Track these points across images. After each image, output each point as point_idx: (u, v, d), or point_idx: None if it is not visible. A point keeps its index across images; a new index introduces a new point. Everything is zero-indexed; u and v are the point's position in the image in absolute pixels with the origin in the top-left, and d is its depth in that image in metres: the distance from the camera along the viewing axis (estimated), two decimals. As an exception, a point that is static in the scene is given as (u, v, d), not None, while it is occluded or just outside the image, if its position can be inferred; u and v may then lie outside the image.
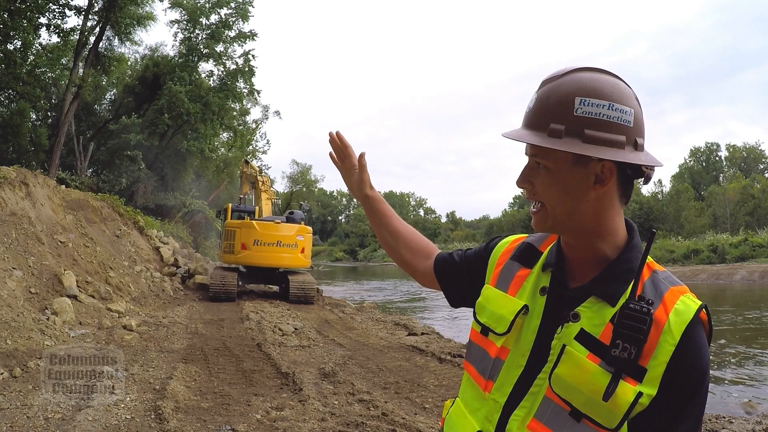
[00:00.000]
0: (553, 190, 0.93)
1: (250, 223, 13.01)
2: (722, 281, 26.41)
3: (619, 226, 0.96)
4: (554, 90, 0.91)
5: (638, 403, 0.83)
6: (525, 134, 0.93)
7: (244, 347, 7.13)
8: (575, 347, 0.89)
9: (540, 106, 0.92)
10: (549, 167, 0.92)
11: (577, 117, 0.88)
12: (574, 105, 0.89)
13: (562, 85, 0.91)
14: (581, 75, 0.91)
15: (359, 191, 1.38)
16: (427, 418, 4.49)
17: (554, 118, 0.90)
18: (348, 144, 1.41)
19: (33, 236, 8.85)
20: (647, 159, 0.91)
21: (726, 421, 4.96)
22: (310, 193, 51.22)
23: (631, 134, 0.89)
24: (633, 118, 0.89)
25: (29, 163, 18.97)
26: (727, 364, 8.32)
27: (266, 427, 4.12)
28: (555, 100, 0.91)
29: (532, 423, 0.92)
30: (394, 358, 6.96)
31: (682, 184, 54.39)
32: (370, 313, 12.10)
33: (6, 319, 5.97)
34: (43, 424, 3.97)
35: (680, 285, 0.92)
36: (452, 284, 1.22)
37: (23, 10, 16.75)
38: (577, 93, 0.89)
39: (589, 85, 0.89)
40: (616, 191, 0.93)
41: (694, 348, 0.85)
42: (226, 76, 25.79)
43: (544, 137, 0.90)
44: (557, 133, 0.89)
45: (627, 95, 0.90)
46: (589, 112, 0.88)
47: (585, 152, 0.87)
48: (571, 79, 0.91)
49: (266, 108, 38.57)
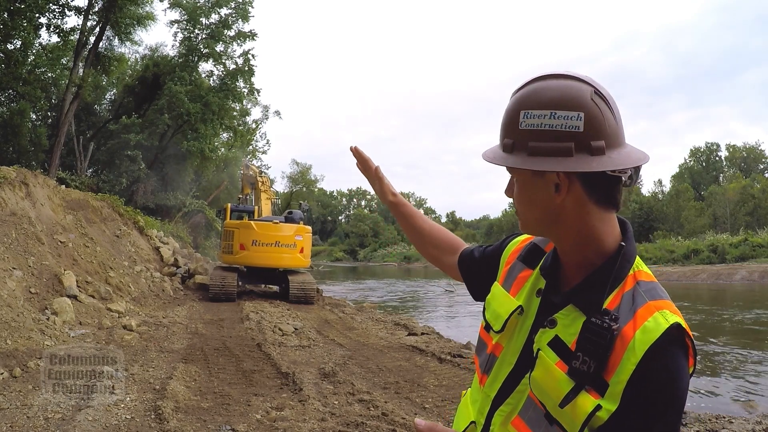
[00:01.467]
0: (521, 200, 0.97)
1: (248, 223, 12.99)
2: (722, 281, 26.40)
3: (605, 231, 0.92)
4: (509, 104, 0.94)
5: (596, 415, 0.82)
6: (490, 152, 0.97)
7: (244, 347, 7.13)
8: (547, 353, 0.90)
9: (502, 121, 0.95)
10: (517, 178, 0.96)
11: (521, 131, 0.89)
12: (519, 118, 0.90)
13: (513, 99, 0.93)
14: (530, 86, 0.92)
15: (383, 198, 1.47)
16: (427, 418, 4.48)
17: (506, 134, 0.93)
18: (366, 158, 1.48)
19: (33, 236, 8.85)
20: (605, 163, 0.86)
21: (726, 421, 4.96)
22: (310, 193, 51.25)
23: (583, 139, 0.86)
24: (583, 122, 0.85)
25: (29, 163, 18.97)
26: (727, 364, 8.32)
27: (266, 427, 4.12)
28: (506, 115, 0.93)
29: (516, 420, 0.95)
30: (394, 358, 6.96)
31: (682, 184, 54.36)
32: (370, 313, 12.10)
33: (6, 319, 5.97)
34: (43, 424, 3.97)
35: (661, 299, 0.87)
36: (473, 279, 1.27)
37: (23, 10, 16.73)
38: (521, 106, 0.90)
39: (531, 97, 0.89)
40: (588, 198, 0.89)
41: (659, 369, 0.81)
42: (225, 76, 25.79)
43: (500, 153, 0.94)
44: (508, 148, 0.92)
45: (576, 98, 0.86)
46: (531, 124, 0.88)
47: (527, 166, 0.89)
48: (521, 92, 0.92)
49: (266, 108, 38.63)
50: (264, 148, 42.10)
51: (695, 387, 6.85)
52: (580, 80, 0.89)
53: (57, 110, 22.33)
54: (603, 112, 0.87)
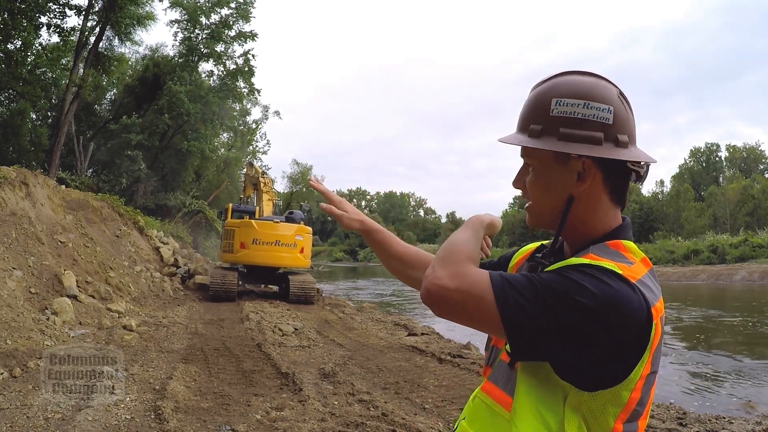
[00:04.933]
0: (537, 187, 0.99)
1: (248, 222, 13.00)
2: (722, 282, 26.39)
3: (610, 225, 0.97)
4: (536, 94, 0.98)
5: None
6: (511, 137, 0.99)
7: (244, 347, 7.13)
8: None
9: (525, 110, 0.99)
10: (534, 166, 0.98)
11: (552, 117, 0.93)
12: (551, 106, 0.94)
13: (543, 89, 0.97)
14: (561, 78, 0.97)
15: (354, 225, 1.34)
16: (427, 418, 4.49)
17: (533, 120, 0.96)
18: (327, 191, 1.35)
19: (33, 236, 8.85)
20: (630, 155, 0.92)
21: (726, 421, 4.96)
22: (310, 194, 51.11)
23: (611, 131, 0.92)
24: (612, 115, 0.92)
25: (29, 163, 18.97)
26: (727, 364, 8.32)
27: (266, 427, 4.12)
28: (535, 102, 0.97)
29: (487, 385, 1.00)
30: (394, 358, 6.96)
31: (683, 185, 54.36)
32: (370, 313, 12.10)
33: (6, 319, 5.97)
34: (43, 424, 3.97)
35: (599, 257, 0.88)
36: None
37: (23, 10, 16.76)
38: (553, 94, 0.94)
39: (564, 87, 0.94)
40: (603, 189, 0.95)
41: (558, 267, 0.87)
42: (226, 76, 25.80)
43: (525, 138, 0.96)
44: (535, 134, 0.95)
45: (606, 94, 0.93)
46: (564, 111, 0.92)
47: (558, 149, 0.92)
48: (551, 82, 0.97)
49: (266, 108, 38.64)
50: (264, 148, 42.14)
51: (695, 387, 6.85)
52: (606, 80, 0.96)
53: (57, 110, 22.35)
54: (627, 111, 0.95)
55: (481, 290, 0.84)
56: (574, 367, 0.83)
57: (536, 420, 0.85)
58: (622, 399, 0.84)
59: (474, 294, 0.84)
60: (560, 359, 0.84)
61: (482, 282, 0.85)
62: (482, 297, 0.83)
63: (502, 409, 0.91)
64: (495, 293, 0.83)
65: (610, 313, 0.80)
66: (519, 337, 0.83)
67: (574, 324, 0.80)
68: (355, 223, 1.33)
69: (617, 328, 0.80)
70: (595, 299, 0.80)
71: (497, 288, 0.84)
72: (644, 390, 0.86)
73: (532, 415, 0.86)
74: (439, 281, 0.86)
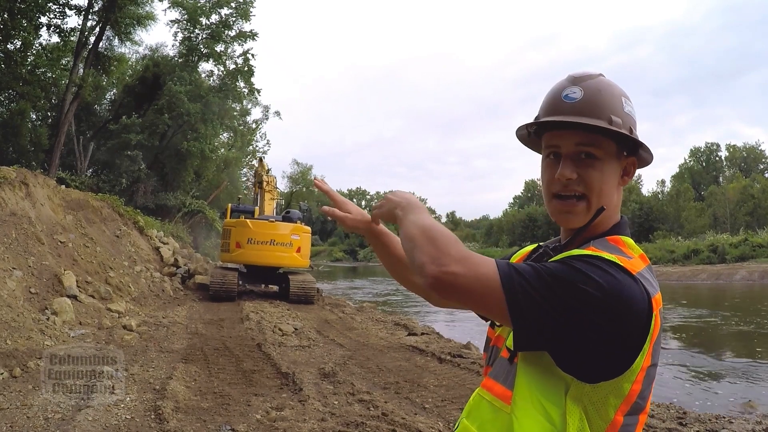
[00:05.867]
0: (599, 180, 0.97)
1: (243, 221, 13.00)
2: (722, 281, 26.39)
3: (611, 222, 1.02)
4: (602, 87, 0.98)
5: None
6: (587, 120, 0.95)
7: (244, 347, 7.13)
8: None
9: (593, 98, 0.97)
10: (599, 157, 0.97)
11: (625, 113, 0.98)
12: (623, 103, 0.99)
13: (608, 85, 0.99)
14: (599, 79, 1.00)
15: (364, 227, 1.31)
16: (427, 418, 4.49)
17: (612, 112, 0.97)
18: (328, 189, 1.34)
19: (33, 236, 8.85)
20: None
21: (726, 421, 4.96)
22: (310, 193, 51.15)
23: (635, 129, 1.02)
24: None
25: (29, 163, 18.94)
26: (727, 364, 8.32)
27: (266, 427, 4.12)
28: (608, 96, 0.98)
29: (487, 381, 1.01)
30: (394, 358, 6.96)
31: (683, 185, 54.32)
32: (370, 313, 12.10)
33: (6, 319, 5.97)
34: (43, 424, 3.96)
35: (600, 250, 0.89)
36: None
37: (23, 10, 16.74)
38: (622, 93, 1.00)
39: (622, 89, 1.01)
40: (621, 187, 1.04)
41: (562, 258, 0.89)
42: (226, 76, 25.78)
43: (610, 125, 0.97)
44: (618, 125, 0.96)
45: None
46: (630, 111, 1.00)
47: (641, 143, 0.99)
48: (608, 80, 1.01)
49: (266, 108, 38.57)
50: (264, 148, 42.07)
51: (695, 387, 6.85)
52: None
53: (57, 110, 22.33)
54: None
55: (488, 275, 0.85)
56: (576, 357, 0.84)
57: (537, 411, 0.86)
58: (624, 390, 0.85)
59: (481, 278, 0.84)
60: (563, 348, 0.84)
61: (489, 267, 0.86)
62: (488, 282, 0.84)
63: (502, 404, 0.92)
64: (501, 279, 0.84)
65: (613, 302, 0.81)
66: (523, 323, 0.84)
67: (578, 312, 0.81)
68: (360, 225, 1.29)
69: (620, 317, 0.81)
70: (600, 289, 0.81)
71: (504, 274, 0.84)
72: (645, 383, 0.87)
73: (533, 407, 0.86)
74: (446, 267, 0.85)
